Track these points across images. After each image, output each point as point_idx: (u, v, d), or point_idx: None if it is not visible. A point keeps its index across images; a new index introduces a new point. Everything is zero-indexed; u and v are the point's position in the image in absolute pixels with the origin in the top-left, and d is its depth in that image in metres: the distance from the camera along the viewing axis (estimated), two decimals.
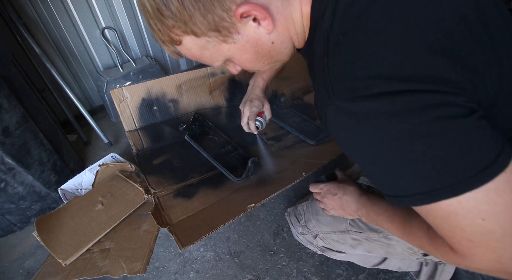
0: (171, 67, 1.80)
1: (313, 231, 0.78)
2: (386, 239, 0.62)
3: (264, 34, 0.42)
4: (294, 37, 0.46)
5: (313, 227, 0.77)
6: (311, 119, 1.34)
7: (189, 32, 0.40)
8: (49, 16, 1.20)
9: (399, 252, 0.63)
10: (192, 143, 1.13)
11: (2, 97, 0.80)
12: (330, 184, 0.68)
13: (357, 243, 0.69)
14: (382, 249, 0.65)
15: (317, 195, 0.71)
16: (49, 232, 0.86)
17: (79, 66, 1.40)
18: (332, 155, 0.94)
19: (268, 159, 1.06)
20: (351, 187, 0.64)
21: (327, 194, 0.67)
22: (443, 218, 0.34)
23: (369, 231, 0.64)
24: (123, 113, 1.03)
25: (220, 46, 0.43)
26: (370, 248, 0.68)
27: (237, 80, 1.25)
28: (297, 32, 0.45)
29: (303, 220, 0.80)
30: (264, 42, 0.43)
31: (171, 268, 0.92)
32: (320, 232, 0.76)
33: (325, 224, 0.74)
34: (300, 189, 1.15)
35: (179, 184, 0.95)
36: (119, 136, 1.46)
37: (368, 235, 0.65)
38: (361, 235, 0.67)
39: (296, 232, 0.85)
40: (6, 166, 0.85)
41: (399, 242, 0.60)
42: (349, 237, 0.70)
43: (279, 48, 0.46)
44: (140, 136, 1.08)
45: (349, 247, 0.72)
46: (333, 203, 0.65)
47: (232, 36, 0.41)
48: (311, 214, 0.78)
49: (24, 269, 0.93)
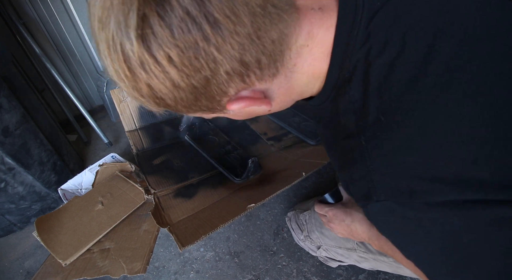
0: None
1: (316, 242, 0.76)
2: (396, 263, 0.59)
3: (259, 109, 0.37)
4: (297, 97, 0.40)
5: (317, 238, 0.75)
6: (311, 119, 1.34)
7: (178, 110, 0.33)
8: (49, 16, 1.20)
9: (408, 273, 0.62)
10: (192, 143, 1.13)
11: (2, 97, 0.80)
12: (336, 209, 0.63)
13: (363, 260, 0.67)
14: (390, 268, 0.63)
15: (322, 217, 0.67)
16: (49, 232, 0.86)
17: (79, 66, 1.40)
18: None
19: None
20: (359, 214, 0.58)
21: (333, 219, 0.62)
22: None
23: (378, 254, 0.61)
24: (123, 113, 1.03)
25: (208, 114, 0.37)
26: (377, 266, 0.66)
27: None
28: (302, 92, 0.39)
29: (306, 230, 0.78)
30: (259, 112, 0.38)
31: (171, 268, 0.92)
32: (324, 244, 0.74)
33: (330, 239, 0.71)
34: (300, 189, 1.15)
35: (179, 184, 0.95)
36: (119, 136, 1.46)
37: (377, 257, 0.63)
38: (369, 255, 0.64)
39: (298, 239, 0.84)
40: (6, 166, 0.85)
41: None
42: (355, 254, 0.67)
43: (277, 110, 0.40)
44: (140, 136, 1.08)
45: (354, 261, 0.70)
46: (341, 229, 0.61)
47: (222, 111, 0.35)
48: (314, 225, 0.75)
49: (24, 269, 0.93)
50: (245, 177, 0.96)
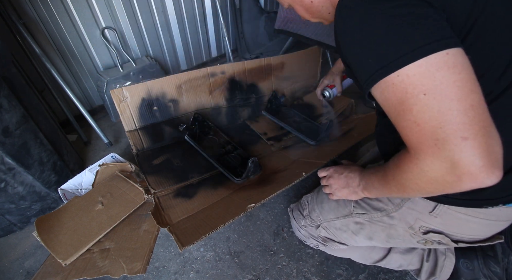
0: (171, 67, 1.80)
1: (316, 221, 0.80)
2: (388, 218, 0.65)
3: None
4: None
5: (317, 216, 0.79)
6: (311, 119, 1.35)
7: None
8: (49, 16, 1.20)
9: (400, 234, 0.65)
10: (192, 143, 1.13)
11: (2, 97, 0.80)
12: (336, 166, 0.74)
13: (359, 227, 0.71)
14: (384, 231, 0.67)
15: (324, 179, 0.75)
16: (49, 232, 0.86)
17: (79, 66, 1.40)
18: (332, 154, 0.94)
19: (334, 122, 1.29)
20: (355, 166, 0.70)
21: (334, 173, 0.72)
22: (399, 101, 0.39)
23: (372, 210, 0.67)
24: (123, 113, 1.03)
25: None
26: (372, 233, 0.70)
27: (237, 80, 1.25)
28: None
29: (307, 210, 0.83)
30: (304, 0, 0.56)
31: (171, 268, 0.92)
32: (324, 220, 0.78)
33: (328, 211, 0.77)
34: (300, 189, 1.15)
35: (179, 184, 0.95)
36: (119, 136, 1.46)
37: (371, 216, 0.67)
38: (364, 216, 0.69)
39: (298, 226, 0.86)
40: (6, 166, 0.85)
41: (401, 220, 0.63)
42: (352, 221, 0.72)
43: (317, 7, 0.56)
44: (140, 136, 1.08)
45: (351, 234, 0.73)
46: (339, 182, 0.70)
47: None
48: (316, 203, 0.81)
49: (24, 269, 0.93)
50: (245, 177, 0.96)
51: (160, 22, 1.57)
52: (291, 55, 1.37)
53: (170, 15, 1.60)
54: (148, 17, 1.51)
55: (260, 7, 1.94)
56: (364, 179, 0.63)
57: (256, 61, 1.27)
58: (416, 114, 0.38)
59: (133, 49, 1.55)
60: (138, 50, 1.57)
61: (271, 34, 2.11)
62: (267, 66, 1.30)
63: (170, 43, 1.70)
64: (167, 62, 1.76)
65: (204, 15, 1.78)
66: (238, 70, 1.23)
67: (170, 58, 1.75)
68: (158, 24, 1.58)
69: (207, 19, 1.81)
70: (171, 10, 1.59)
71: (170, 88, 1.10)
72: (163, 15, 1.57)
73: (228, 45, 1.78)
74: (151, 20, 1.54)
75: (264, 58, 1.29)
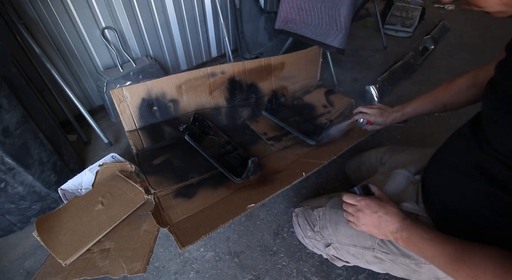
0: (171, 67, 1.80)
1: (327, 239, 0.75)
2: (416, 266, 0.59)
3: None
4: None
5: (329, 235, 0.74)
6: (311, 119, 1.35)
7: None
8: (49, 16, 1.20)
9: (423, 279, 0.60)
10: (192, 143, 1.13)
11: (2, 97, 0.80)
12: (369, 199, 0.61)
13: (377, 261, 0.66)
14: (405, 272, 0.63)
15: (350, 207, 0.65)
16: (49, 232, 0.86)
17: (79, 66, 1.40)
18: (332, 154, 0.94)
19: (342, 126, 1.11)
20: (394, 208, 0.58)
21: (365, 208, 0.61)
22: None
23: (400, 255, 0.60)
24: (123, 113, 1.03)
25: None
26: (389, 269, 0.65)
27: (237, 80, 1.25)
28: None
29: (318, 226, 0.77)
30: None
31: (171, 268, 0.92)
32: (336, 242, 0.73)
33: (345, 236, 0.70)
34: (300, 189, 1.15)
35: (179, 184, 0.95)
36: (119, 136, 1.46)
37: (397, 258, 0.61)
38: (387, 256, 0.63)
39: (303, 235, 0.83)
40: (6, 166, 0.85)
41: (430, 271, 0.57)
42: (371, 254, 0.66)
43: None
44: (140, 136, 1.08)
45: (365, 262, 0.69)
46: (369, 220, 0.60)
47: None
48: (329, 222, 0.74)
49: (24, 269, 0.93)
50: (245, 177, 0.96)
51: (160, 22, 1.57)
52: (291, 55, 1.37)
53: (170, 15, 1.60)
54: (148, 17, 1.51)
55: (260, 7, 1.94)
56: (407, 232, 0.53)
57: (256, 61, 1.27)
58: None
59: (133, 49, 1.55)
60: (138, 50, 1.57)
61: (271, 34, 2.11)
62: (267, 66, 1.30)
63: (170, 43, 1.70)
64: (167, 62, 1.76)
65: (204, 15, 1.78)
66: (238, 70, 1.23)
67: (170, 58, 1.75)
68: (158, 24, 1.58)
69: (207, 19, 1.81)
70: (171, 10, 1.59)
71: (170, 88, 1.10)
72: (163, 15, 1.57)
73: (228, 45, 1.78)
74: (151, 20, 1.54)
75: (264, 58, 1.29)
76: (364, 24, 2.71)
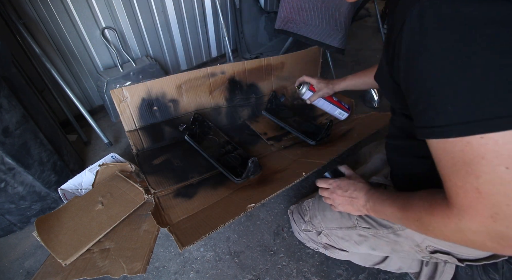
0: (171, 67, 1.80)
1: (317, 227, 0.78)
2: (394, 235, 0.62)
3: None
4: None
5: (318, 223, 0.78)
6: (311, 119, 1.35)
7: None
8: (49, 16, 1.20)
9: (405, 250, 0.63)
10: (192, 143, 1.13)
11: (2, 97, 0.80)
12: (340, 180, 0.68)
13: (363, 239, 0.69)
14: (388, 246, 0.66)
15: (325, 191, 0.70)
16: (49, 232, 0.86)
17: (79, 66, 1.40)
18: (332, 154, 0.94)
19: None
20: (361, 183, 0.65)
21: (337, 189, 0.67)
22: (466, 162, 0.32)
23: (378, 226, 0.64)
24: (123, 113, 1.03)
25: None
26: (375, 245, 0.68)
27: (237, 80, 1.25)
28: None
29: (308, 215, 0.81)
30: None
31: (171, 268, 0.92)
32: (325, 228, 0.76)
33: (331, 220, 0.74)
34: (300, 189, 1.15)
35: (179, 184, 0.95)
36: (119, 136, 1.46)
37: (377, 231, 0.65)
38: (368, 231, 0.67)
39: (298, 229, 0.85)
40: (6, 166, 0.85)
41: (407, 238, 0.61)
42: (356, 233, 0.70)
43: None
44: (140, 136, 1.08)
45: (354, 244, 0.72)
46: (342, 199, 0.65)
47: None
48: (317, 210, 0.78)
49: (24, 269, 0.93)
50: (245, 177, 0.96)
51: (160, 22, 1.57)
52: (291, 55, 1.37)
53: (170, 15, 1.60)
54: (148, 17, 1.51)
55: (260, 7, 1.94)
56: (372, 201, 0.59)
57: (256, 61, 1.27)
58: (482, 182, 0.32)
59: (133, 49, 1.55)
60: (138, 50, 1.57)
61: (271, 34, 2.11)
62: (267, 66, 1.30)
63: (170, 43, 1.70)
64: (167, 62, 1.76)
65: (204, 15, 1.78)
66: (238, 70, 1.23)
67: (170, 58, 1.75)
68: (158, 24, 1.58)
69: (207, 19, 1.81)
70: (171, 10, 1.59)
71: (170, 88, 1.10)
72: (163, 15, 1.57)
73: (228, 45, 1.78)
74: (151, 20, 1.54)
75: (264, 58, 1.29)
76: (364, 24, 2.71)
